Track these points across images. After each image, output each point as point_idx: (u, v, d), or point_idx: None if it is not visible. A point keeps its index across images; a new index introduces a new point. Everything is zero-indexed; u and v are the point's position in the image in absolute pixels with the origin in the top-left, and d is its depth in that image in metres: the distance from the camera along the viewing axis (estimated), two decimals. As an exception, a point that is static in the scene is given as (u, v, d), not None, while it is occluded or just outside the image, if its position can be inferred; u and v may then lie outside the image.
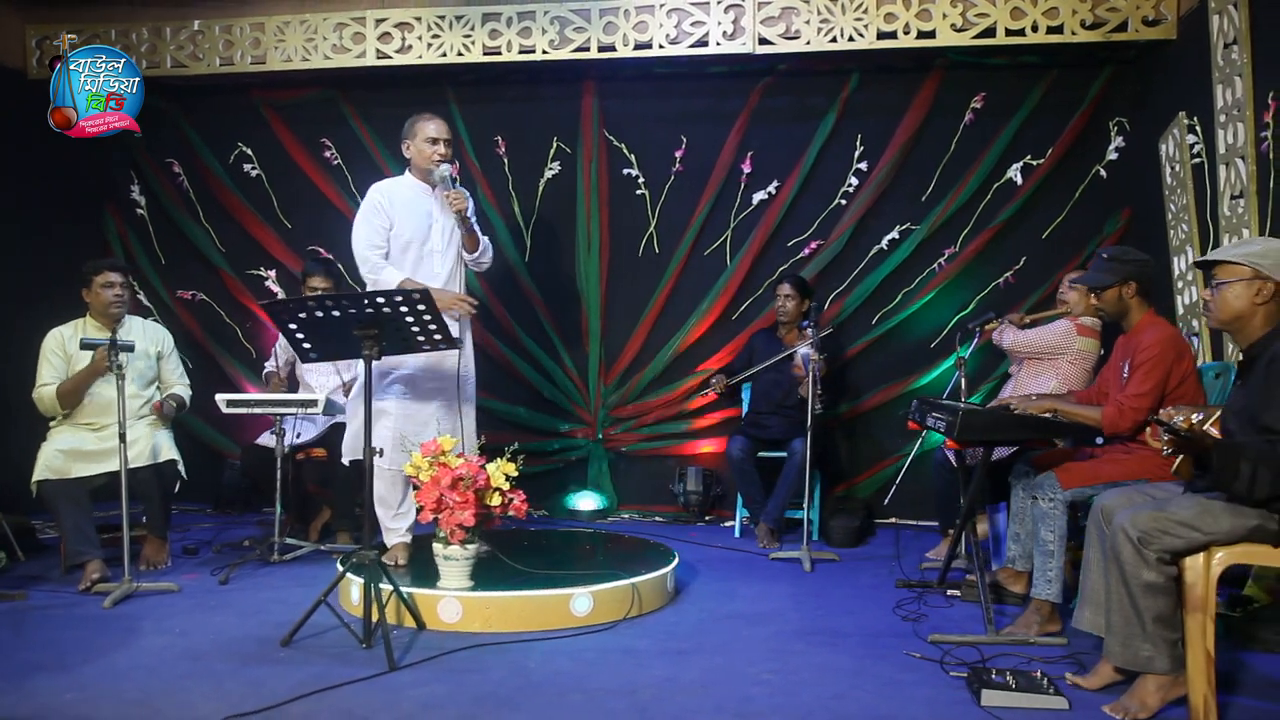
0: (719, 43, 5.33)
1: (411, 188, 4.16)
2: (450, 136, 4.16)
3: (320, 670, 3.08)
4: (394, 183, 4.21)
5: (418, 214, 4.10)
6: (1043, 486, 3.50)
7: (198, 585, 4.20)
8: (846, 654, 3.30)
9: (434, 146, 4.07)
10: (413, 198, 4.12)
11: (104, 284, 4.48)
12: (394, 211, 4.06)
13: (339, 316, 3.28)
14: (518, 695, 2.90)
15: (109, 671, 3.09)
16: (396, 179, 4.26)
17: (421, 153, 4.10)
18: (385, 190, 4.12)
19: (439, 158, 4.06)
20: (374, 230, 4.03)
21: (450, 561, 3.57)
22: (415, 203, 4.12)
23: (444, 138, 4.10)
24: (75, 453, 4.28)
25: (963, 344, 4.62)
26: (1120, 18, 5.03)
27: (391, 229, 4.05)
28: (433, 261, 4.08)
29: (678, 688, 2.98)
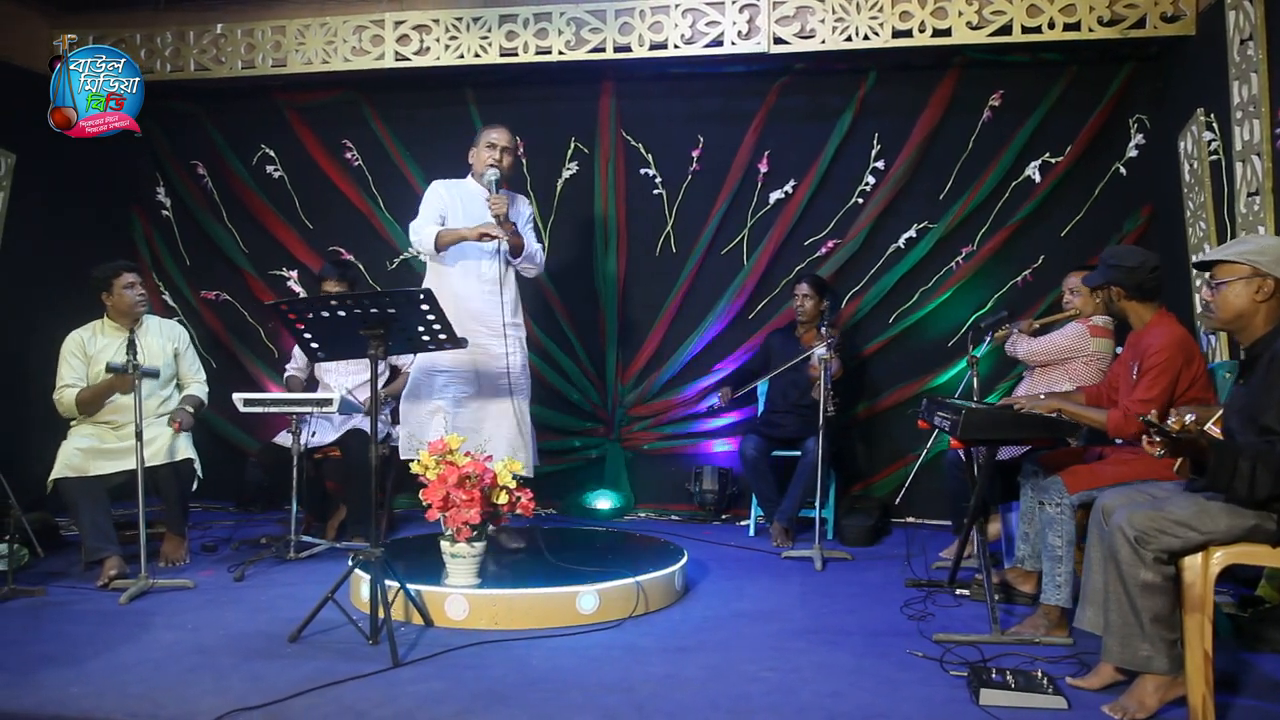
0: (734, 42, 5.34)
1: (470, 190, 4.32)
2: (509, 145, 4.28)
3: (324, 666, 3.12)
4: (456, 182, 4.40)
5: (471, 215, 4.23)
6: (1049, 491, 3.48)
7: (213, 582, 4.27)
8: (847, 652, 3.30)
9: (490, 151, 4.23)
10: (470, 199, 4.28)
11: (125, 285, 4.56)
12: (452, 203, 4.23)
13: (345, 316, 3.32)
14: (516, 692, 2.93)
15: (115, 665, 3.15)
16: (459, 180, 4.43)
17: (479, 157, 4.27)
18: (445, 183, 4.35)
19: (491, 162, 4.19)
20: (428, 213, 4.24)
21: (457, 559, 3.61)
22: (471, 204, 4.26)
23: (502, 145, 4.24)
24: (94, 450, 4.37)
25: (975, 344, 4.59)
26: (1139, 14, 4.98)
27: (445, 221, 4.20)
28: (480, 263, 4.18)
29: (676, 685, 2.99)
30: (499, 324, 4.15)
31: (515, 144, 4.31)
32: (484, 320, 4.14)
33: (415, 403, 4.27)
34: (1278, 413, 2.55)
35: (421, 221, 4.22)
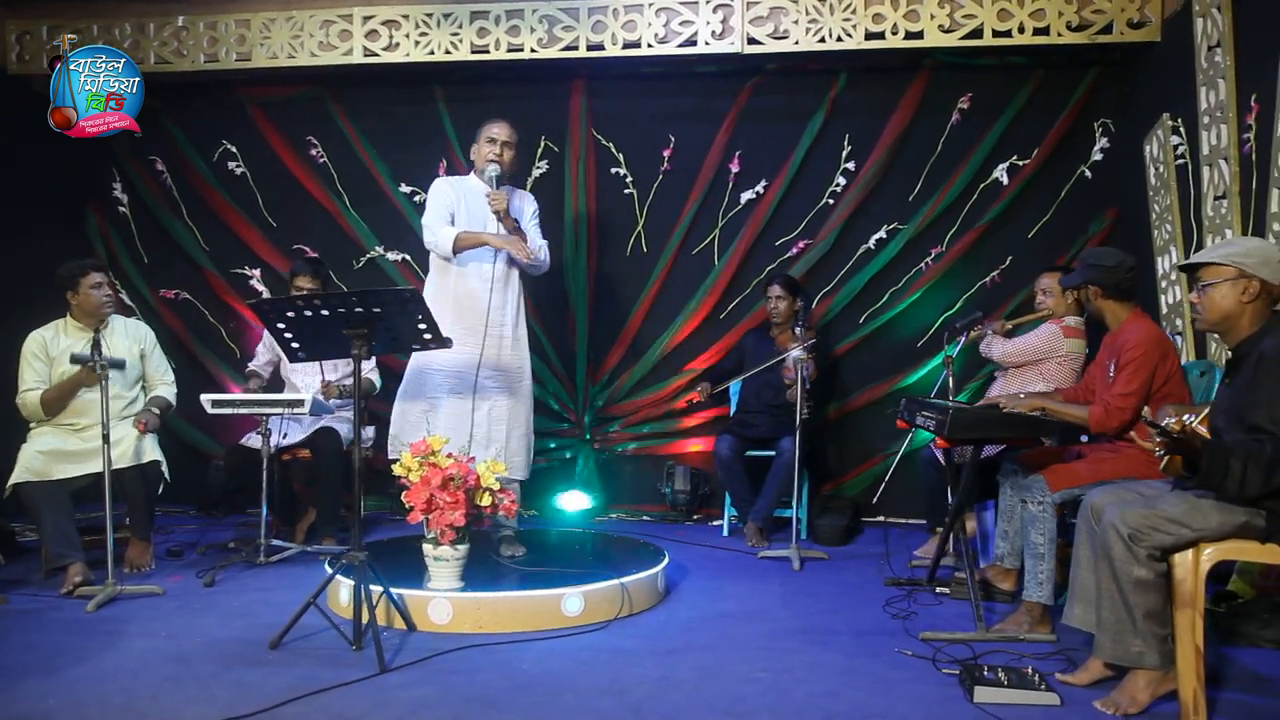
0: (708, 42, 5.33)
1: (473, 187, 4.24)
2: (510, 139, 4.20)
3: (309, 673, 3.06)
4: (459, 179, 4.34)
5: (474, 212, 4.16)
6: (1031, 489, 3.52)
7: (182, 588, 4.17)
8: (837, 652, 3.31)
9: (490, 146, 4.15)
10: (473, 196, 4.20)
11: (92, 285, 4.44)
12: (456, 201, 4.15)
13: (328, 316, 3.26)
14: (508, 696, 2.89)
15: (93, 675, 3.06)
16: (462, 177, 4.36)
17: (479, 152, 4.20)
18: (448, 180, 4.29)
19: (491, 157, 4.12)
20: (438, 212, 4.14)
21: (440, 562, 3.55)
22: (474, 200, 4.19)
23: (502, 139, 4.16)
24: (57, 453, 4.24)
25: (950, 343, 4.63)
26: (1106, 20, 5.06)
27: (453, 220, 4.14)
28: (482, 261, 4.10)
29: (669, 687, 2.97)
30: (499, 323, 4.10)
31: (517, 138, 4.25)
32: (484, 319, 4.07)
33: (408, 403, 4.19)
34: (1266, 411, 2.59)
35: (434, 222, 4.11)
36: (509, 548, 4.14)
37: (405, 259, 6.10)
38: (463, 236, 4.07)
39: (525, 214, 4.20)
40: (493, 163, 4.09)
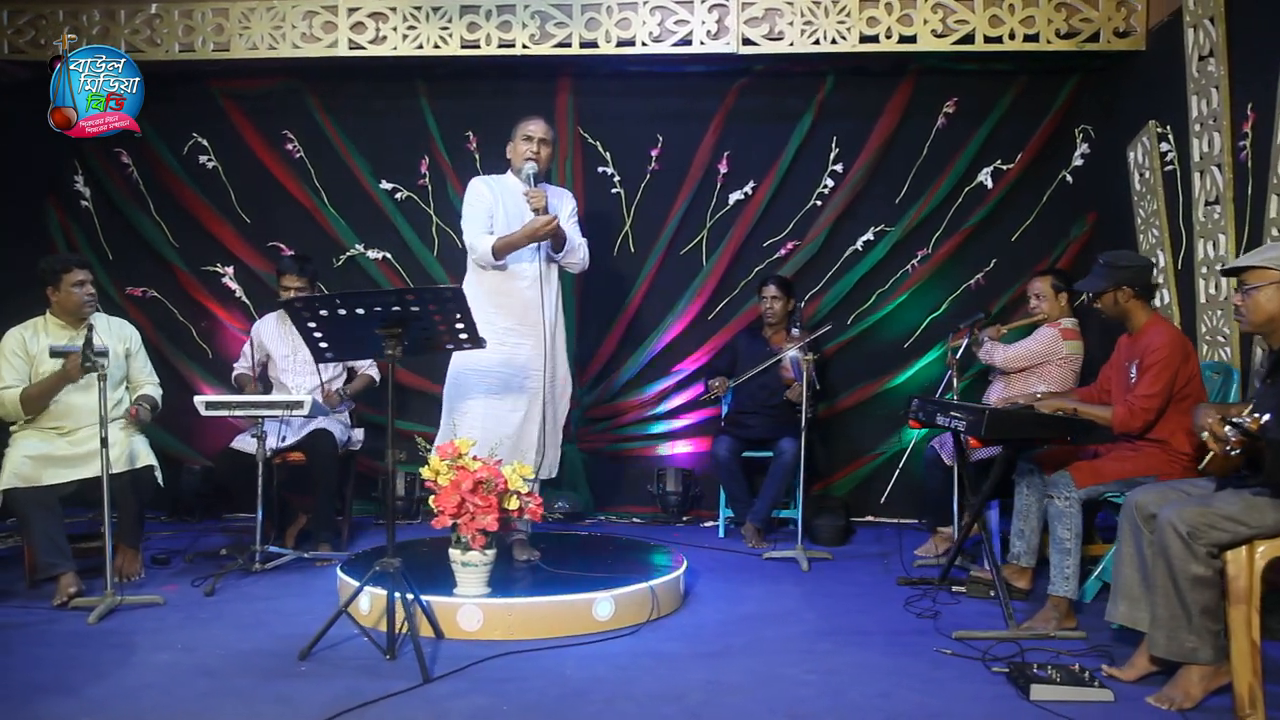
0: (703, 42, 5.31)
1: (509, 185, 4.16)
2: (546, 136, 4.12)
3: (349, 685, 2.96)
4: (495, 178, 4.24)
5: (512, 211, 4.08)
6: (1058, 486, 3.57)
7: (181, 597, 4.01)
8: (877, 652, 3.31)
9: (526, 145, 4.07)
10: (509, 195, 4.11)
11: (75, 283, 4.25)
12: (494, 201, 4.06)
13: (363, 315, 3.15)
14: (564, 704, 2.83)
15: (119, 692, 2.92)
16: (498, 176, 4.27)
17: (516, 150, 4.12)
18: (485, 181, 4.18)
19: (528, 155, 4.04)
20: (477, 217, 4.07)
21: (469, 568, 3.47)
22: (511, 199, 4.10)
23: (538, 137, 4.08)
24: (46, 458, 4.05)
25: (953, 343, 4.70)
26: (1093, 28, 5.17)
27: (493, 221, 4.06)
28: (521, 260, 4.02)
29: (724, 690, 2.94)
30: (538, 322, 4.02)
31: (553, 135, 4.17)
32: (522, 318, 4.00)
33: (451, 405, 4.10)
34: (1315, 410, 2.66)
35: (473, 230, 4.04)
36: (523, 551, 4.07)
37: (386, 257, 5.96)
38: (497, 246, 3.98)
39: (564, 212, 4.13)
40: (530, 160, 4.02)
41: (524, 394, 4.03)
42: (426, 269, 5.92)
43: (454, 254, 5.93)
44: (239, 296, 6.02)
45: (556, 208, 4.12)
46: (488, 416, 4.00)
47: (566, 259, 4.14)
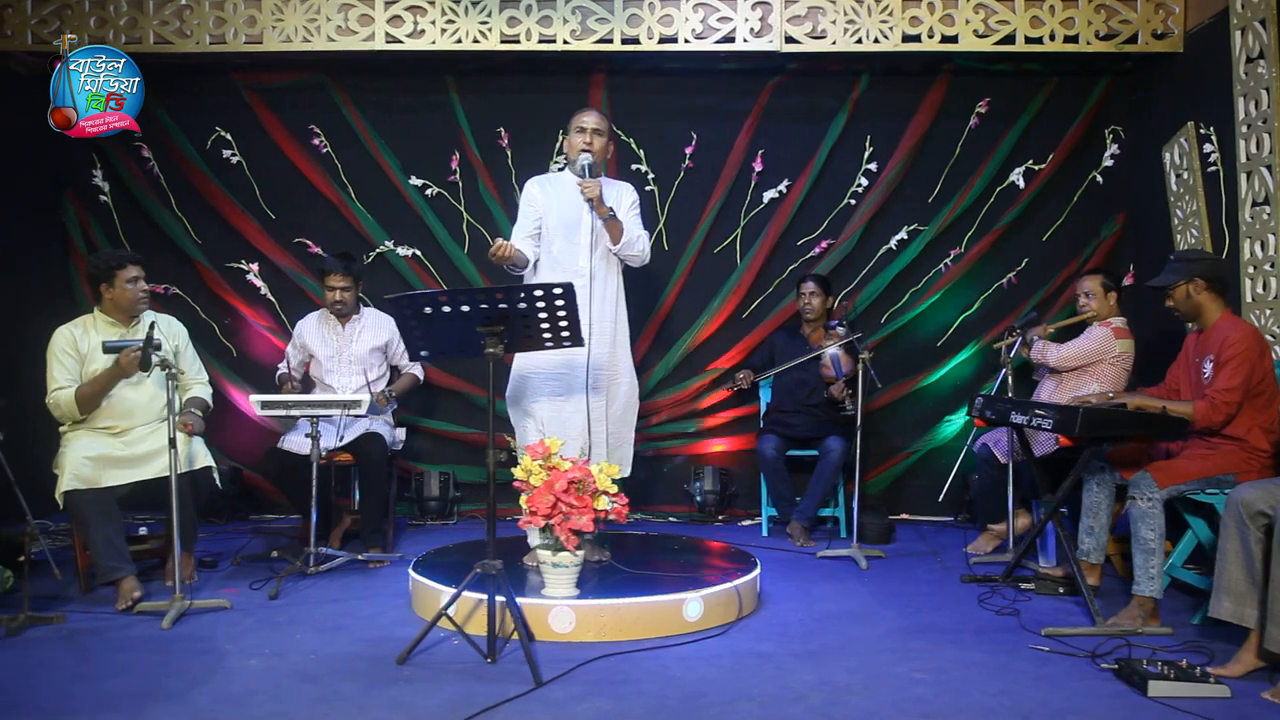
0: (745, 39, 5.29)
1: (566, 182, 4.11)
2: (600, 127, 4.08)
3: (462, 689, 2.90)
4: (550, 176, 4.25)
5: (568, 207, 4.03)
6: (1139, 486, 3.59)
7: (244, 600, 3.91)
8: (973, 650, 3.32)
9: (580, 136, 4.03)
10: (566, 191, 4.07)
11: (129, 279, 4.15)
12: (546, 202, 4.02)
13: (468, 312, 3.09)
14: (687, 706, 2.80)
15: (226, 699, 2.84)
16: (555, 174, 4.27)
17: (571, 143, 4.08)
18: (538, 181, 4.17)
19: (583, 147, 4.00)
20: (521, 221, 4.10)
21: (560, 569, 3.42)
22: (567, 196, 4.05)
23: (591, 127, 4.05)
24: (105, 459, 3.93)
25: (1009, 343, 4.73)
26: (1131, 30, 5.22)
27: (541, 224, 4.04)
28: (579, 254, 3.97)
29: (842, 690, 2.93)
30: (599, 319, 3.98)
31: (607, 126, 4.12)
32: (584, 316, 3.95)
33: (516, 407, 4.04)
34: None
35: (516, 231, 4.06)
36: (594, 552, 4.02)
37: (416, 254, 5.88)
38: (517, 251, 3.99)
39: (623, 204, 4.08)
40: (584, 152, 3.98)
41: (586, 393, 3.98)
42: (458, 266, 5.84)
43: (484, 250, 5.82)
44: (264, 294, 5.90)
45: (617, 200, 4.09)
46: (552, 418, 3.95)
47: (624, 252, 4.10)
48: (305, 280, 5.79)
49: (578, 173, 3.98)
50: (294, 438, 4.58)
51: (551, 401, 3.94)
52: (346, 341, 4.88)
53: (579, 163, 3.97)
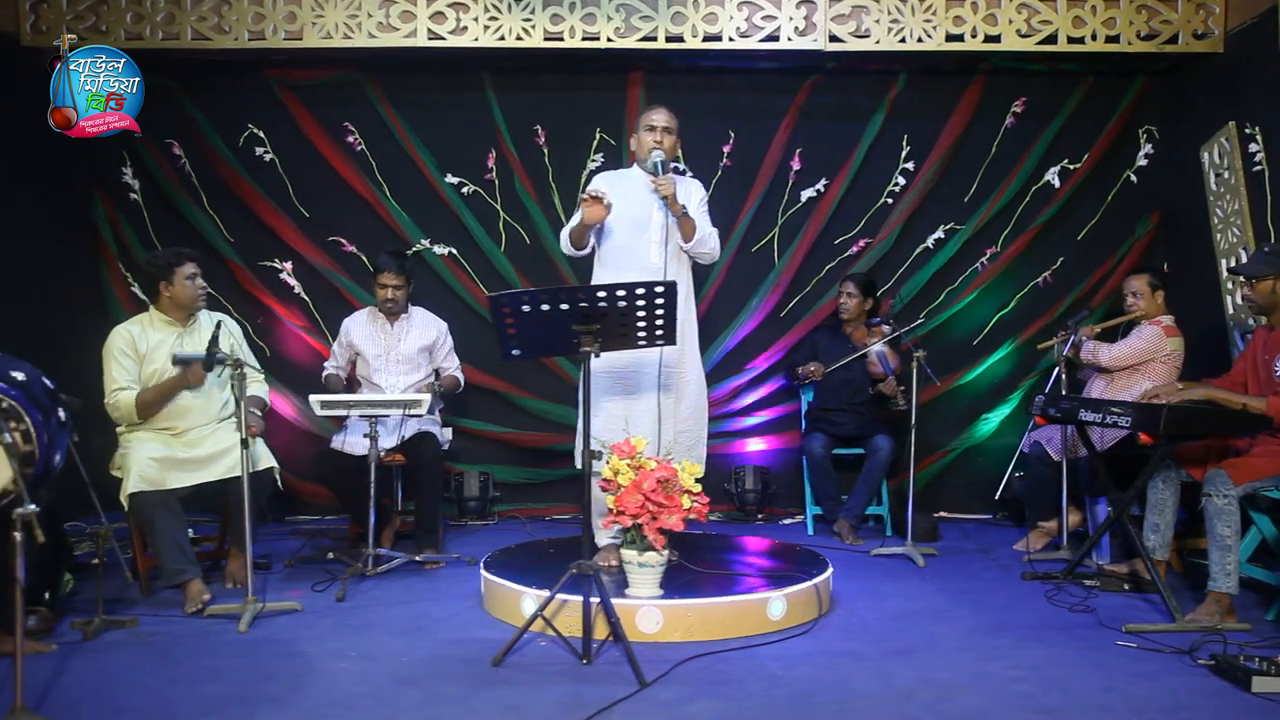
0: (790, 38, 5.29)
1: (634, 179, 4.09)
2: (670, 125, 4.05)
3: (567, 690, 2.88)
4: (618, 173, 4.23)
5: (636, 204, 3.99)
6: (1214, 483, 3.61)
7: (311, 602, 3.86)
8: (1061, 647, 3.33)
9: (650, 134, 4.00)
10: (634, 188, 4.04)
11: (188, 276, 4.10)
12: (614, 197, 3.97)
13: (566, 310, 3.07)
14: (801, 705, 2.80)
15: (331, 703, 2.81)
16: (622, 171, 4.27)
17: (640, 141, 4.05)
18: (606, 178, 4.12)
19: (653, 145, 3.97)
20: (577, 214, 4.01)
21: (646, 569, 3.40)
22: (635, 193, 4.01)
23: (661, 125, 4.02)
24: (170, 460, 3.88)
25: (1062, 341, 4.75)
26: (1172, 30, 5.27)
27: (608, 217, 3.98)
28: (649, 250, 3.94)
29: (947, 688, 2.93)
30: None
31: (677, 123, 4.10)
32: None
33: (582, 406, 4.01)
34: None
35: (569, 223, 4.05)
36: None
37: (452, 253, 5.83)
38: (574, 231, 4.01)
39: (692, 201, 4.06)
40: (656, 149, 3.96)
41: (658, 393, 3.95)
42: (495, 265, 5.80)
43: (522, 249, 5.84)
44: (297, 293, 5.83)
45: (687, 196, 4.07)
46: (621, 416, 3.93)
47: (696, 249, 4.08)
48: (339, 279, 5.74)
49: (650, 170, 3.96)
50: (349, 439, 4.53)
51: (622, 400, 3.92)
52: (395, 340, 4.83)
53: (651, 160, 3.95)
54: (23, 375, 2.88)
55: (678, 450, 3.91)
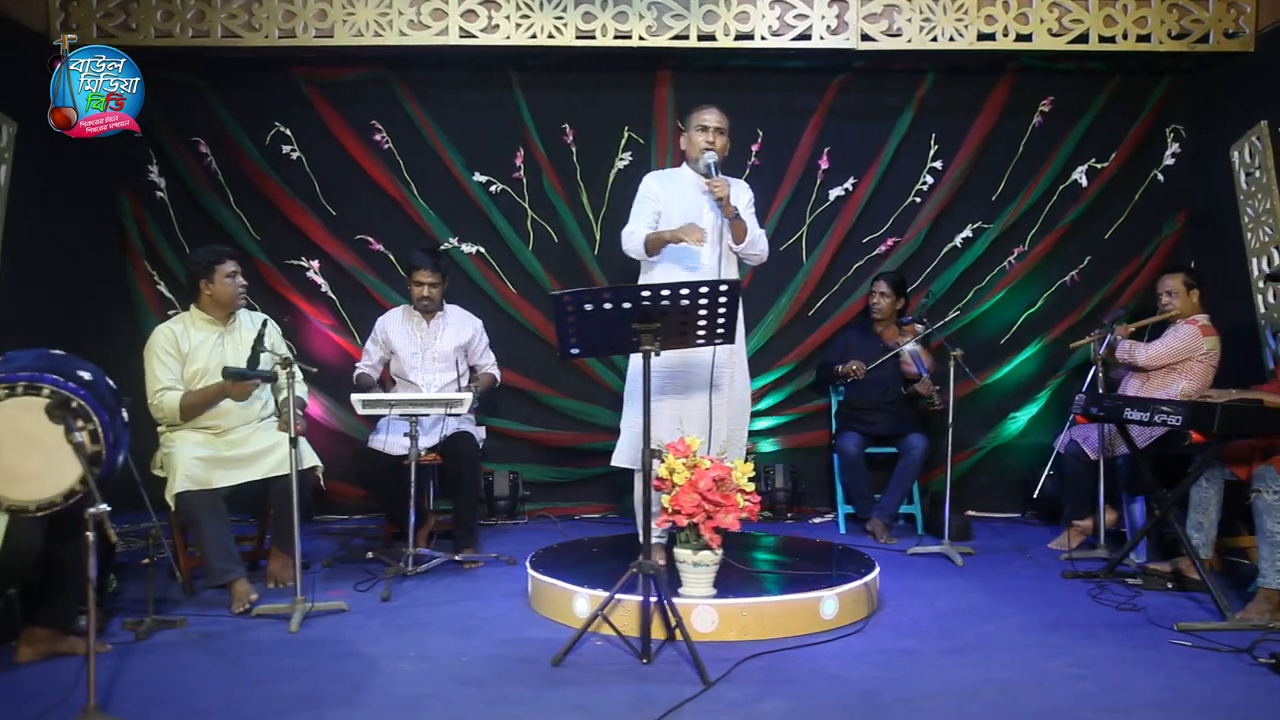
0: (822, 37, 5.29)
1: (684, 179, 4.08)
2: (722, 125, 4.03)
3: (632, 690, 2.88)
4: (668, 173, 4.22)
5: (687, 204, 3.99)
6: (1264, 479, 3.63)
7: (356, 602, 3.85)
8: (1117, 646, 3.34)
9: (702, 135, 3.97)
10: (684, 189, 4.03)
11: (228, 274, 4.09)
12: (665, 197, 3.98)
13: (629, 309, 3.06)
14: (869, 704, 2.80)
15: (399, 703, 2.80)
16: (673, 170, 4.23)
17: (692, 141, 4.01)
18: (658, 177, 4.13)
19: (705, 145, 3.93)
20: (640, 214, 4.06)
21: (700, 568, 3.40)
22: (686, 194, 4.01)
23: (714, 125, 3.99)
24: (215, 460, 3.86)
25: (1100, 340, 4.76)
26: (1203, 30, 5.28)
27: (659, 219, 4.00)
28: (700, 252, 3.90)
29: (1011, 687, 2.94)
30: None
31: (728, 124, 4.08)
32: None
33: (630, 405, 4.01)
34: None
35: (632, 224, 4.02)
36: (708, 551, 4.00)
37: (480, 251, 5.82)
38: (650, 238, 3.97)
39: (741, 202, 4.05)
40: (709, 150, 3.94)
41: (710, 392, 3.95)
42: (523, 263, 5.79)
43: (549, 248, 5.83)
44: (324, 291, 5.82)
45: (736, 197, 4.06)
46: (672, 416, 3.93)
47: (747, 251, 4.08)
48: (366, 277, 5.73)
49: (701, 171, 3.95)
50: (387, 438, 4.52)
51: (673, 400, 3.91)
52: (431, 338, 4.82)
53: (703, 161, 3.93)
54: (89, 375, 2.87)
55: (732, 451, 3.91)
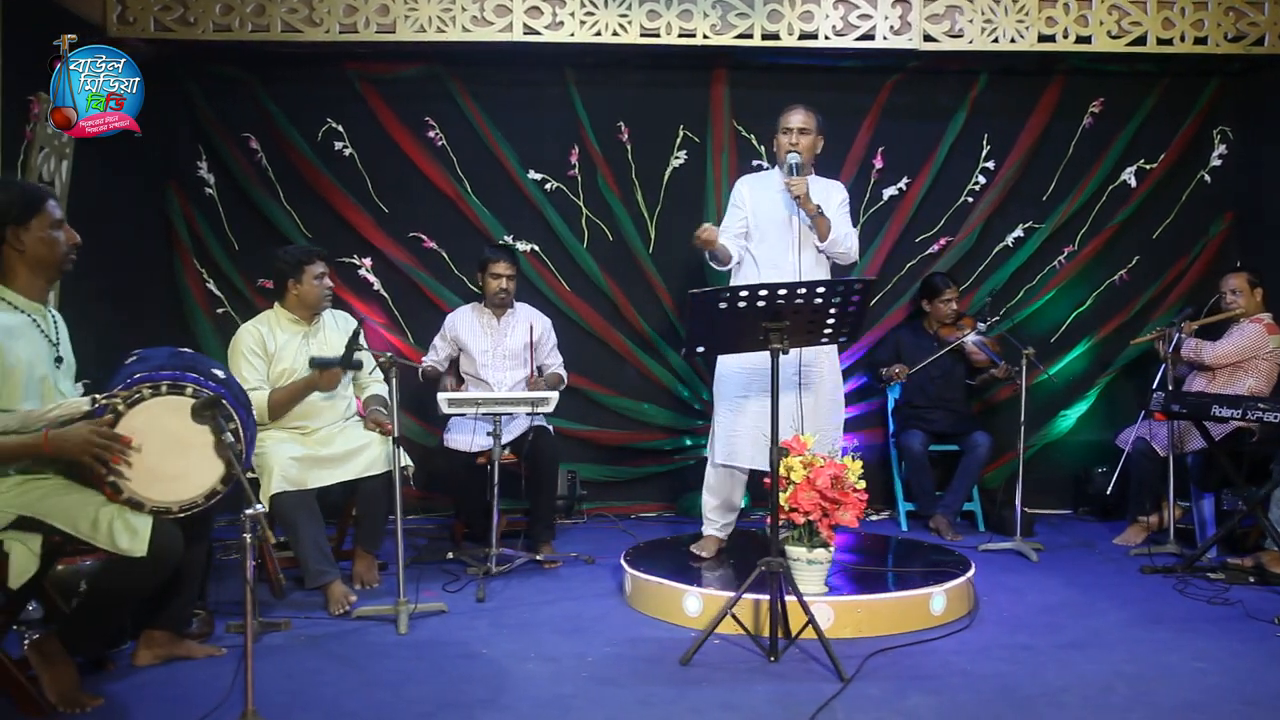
0: (885, 37, 5.31)
1: (772, 181, 4.13)
2: (805, 125, 4.06)
3: (779, 689, 2.90)
4: (760, 175, 4.28)
5: (771, 205, 4.05)
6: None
7: (456, 603, 3.83)
8: (1224, 640, 3.38)
9: (784, 137, 4.03)
10: (773, 190, 4.08)
11: (316, 275, 4.06)
12: (754, 201, 4.04)
13: (763, 307, 3.06)
14: (1010, 700, 2.83)
15: (546, 705, 2.79)
16: (765, 172, 4.31)
17: (779, 143, 4.07)
18: (747, 180, 4.21)
19: (788, 147, 3.98)
20: (728, 220, 4.13)
21: (814, 565, 3.42)
22: (771, 195, 4.07)
23: (796, 127, 4.03)
24: (309, 460, 3.83)
25: (1168, 339, 4.81)
26: (1259, 32, 5.35)
27: (748, 225, 4.07)
28: (788, 252, 3.95)
29: (1142, 681, 2.98)
30: None
31: (814, 122, 4.11)
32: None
33: (724, 404, 4.02)
34: None
35: (722, 233, 4.06)
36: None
37: (535, 249, 5.79)
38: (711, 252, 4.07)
39: (832, 202, 4.07)
40: (791, 152, 3.97)
41: (799, 391, 3.96)
42: (578, 261, 5.77)
43: (604, 246, 5.82)
44: (377, 289, 5.77)
45: (825, 198, 4.08)
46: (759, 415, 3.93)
47: (831, 249, 4.09)
48: (419, 275, 5.69)
49: (785, 172, 3.98)
50: (466, 436, 4.49)
51: (760, 399, 3.92)
52: (502, 336, 4.80)
53: (787, 162, 3.97)
54: (223, 374, 2.84)
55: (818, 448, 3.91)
